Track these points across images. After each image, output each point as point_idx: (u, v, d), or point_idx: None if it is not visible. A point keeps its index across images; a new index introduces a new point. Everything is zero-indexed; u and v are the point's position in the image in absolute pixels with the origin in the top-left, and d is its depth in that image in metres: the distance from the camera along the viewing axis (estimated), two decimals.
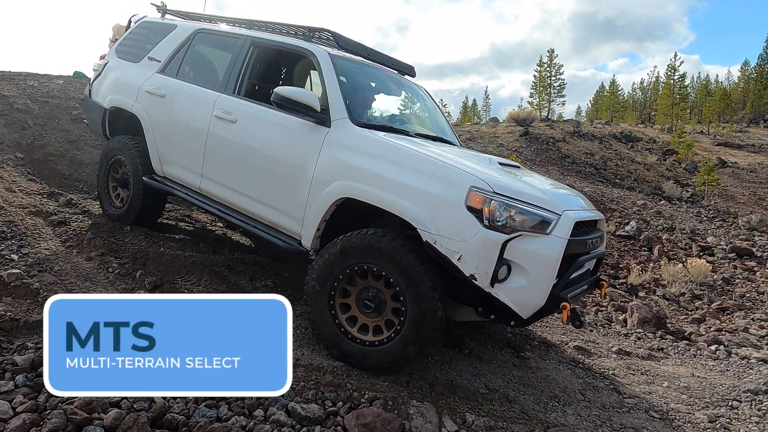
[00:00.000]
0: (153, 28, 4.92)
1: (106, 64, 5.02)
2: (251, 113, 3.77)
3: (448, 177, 2.90)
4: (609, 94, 40.58)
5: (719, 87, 58.38)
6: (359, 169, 3.11)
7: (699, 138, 29.05)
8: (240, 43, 4.11)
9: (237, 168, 3.78)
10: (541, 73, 29.45)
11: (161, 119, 4.31)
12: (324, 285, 3.02)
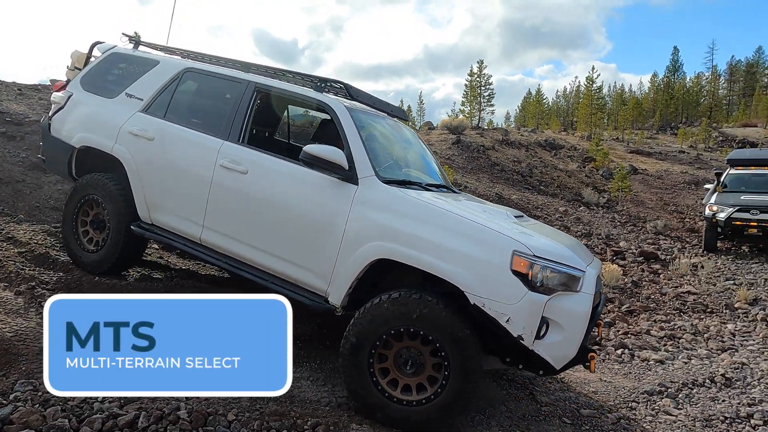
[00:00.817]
0: (128, 60, 4.63)
1: (70, 96, 4.55)
2: (265, 165, 3.68)
3: (489, 240, 3.01)
4: (535, 102, 42.88)
5: (633, 96, 63.19)
6: (396, 231, 3.14)
7: (614, 145, 31.35)
8: (241, 88, 3.95)
9: (248, 221, 3.66)
10: (471, 82, 30.69)
11: (150, 165, 4.04)
12: (361, 354, 3.03)
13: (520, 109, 56.10)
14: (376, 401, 3.01)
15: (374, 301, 3.05)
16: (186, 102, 4.28)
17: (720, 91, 64.97)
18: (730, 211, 11.85)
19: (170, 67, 4.34)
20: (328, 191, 3.38)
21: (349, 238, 3.24)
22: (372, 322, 3.01)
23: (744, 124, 50.89)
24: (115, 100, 4.37)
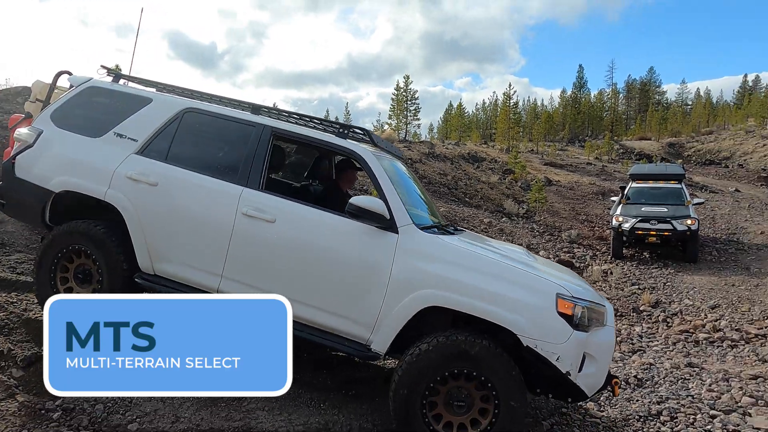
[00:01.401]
0: (109, 95, 4.24)
1: (41, 133, 4.07)
2: (294, 213, 3.63)
3: (534, 285, 3.25)
4: (457, 115, 44.78)
5: (545, 110, 67.63)
6: (447, 279, 3.26)
7: (530, 157, 33.39)
8: (257, 132, 3.84)
9: (277, 271, 3.56)
10: (398, 96, 31.53)
11: (155, 212, 3.79)
12: (415, 401, 3.14)
13: (443, 121, 58.19)
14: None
15: (422, 346, 3.19)
16: (190, 144, 4.02)
17: (620, 107, 71.14)
18: (633, 222, 13.13)
19: (167, 106, 4.07)
20: (369, 240, 3.43)
21: (394, 286, 3.31)
22: (426, 364, 3.15)
23: (640, 138, 56.20)
24: (102, 140, 4.00)
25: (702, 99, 75.28)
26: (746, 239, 16.43)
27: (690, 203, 13.59)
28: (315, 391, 3.98)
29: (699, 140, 51.09)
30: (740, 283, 11.25)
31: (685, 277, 11.89)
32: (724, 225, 18.15)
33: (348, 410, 3.80)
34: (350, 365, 4.65)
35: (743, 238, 16.62)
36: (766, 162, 40.60)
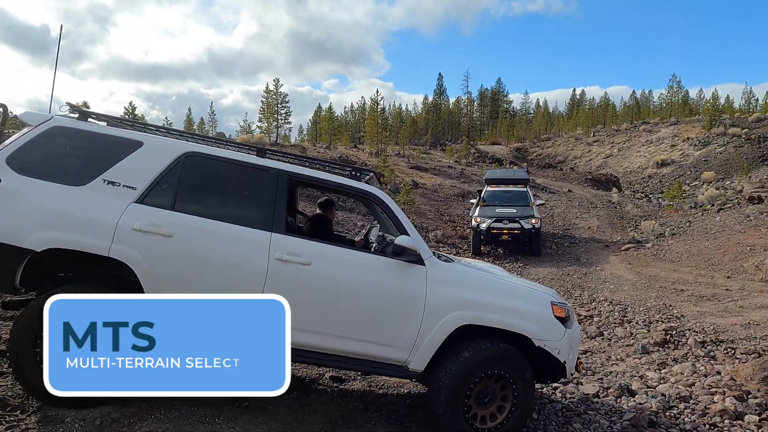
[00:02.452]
0: (88, 138, 3.77)
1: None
2: (329, 254, 3.82)
3: (534, 297, 4.13)
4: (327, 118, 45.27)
5: (409, 115, 71.35)
6: (471, 301, 3.85)
7: (398, 161, 35.10)
8: (273, 177, 3.83)
9: (317, 310, 3.70)
10: (268, 99, 31.00)
11: (173, 265, 3.57)
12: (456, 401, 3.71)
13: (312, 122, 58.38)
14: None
15: (464, 354, 3.77)
16: (198, 191, 3.88)
17: (474, 114, 77.75)
18: (489, 222, 14.78)
19: (163, 149, 3.80)
20: (405, 274, 3.81)
21: (429, 311, 3.74)
22: (469, 369, 3.74)
23: (492, 142, 62.14)
24: (88, 188, 3.58)
25: (541, 108, 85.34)
26: (577, 234, 19.30)
27: (534, 204, 15.67)
28: (208, 406, 4.05)
29: (540, 145, 58.07)
30: (573, 272, 13.29)
31: (531, 269, 13.68)
32: (560, 222, 21.06)
33: (243, 421, 3.94)
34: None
35: (575, 233, 19.49)
36: (590, 165, 47.62)
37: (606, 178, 37.40)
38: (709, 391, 5.54)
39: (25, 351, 3.36)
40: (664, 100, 70.20)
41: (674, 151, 43.19)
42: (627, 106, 71.58)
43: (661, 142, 46.19)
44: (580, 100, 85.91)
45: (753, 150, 38.13)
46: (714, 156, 39.25)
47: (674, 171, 39.60)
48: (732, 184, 31.41)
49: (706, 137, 42.90)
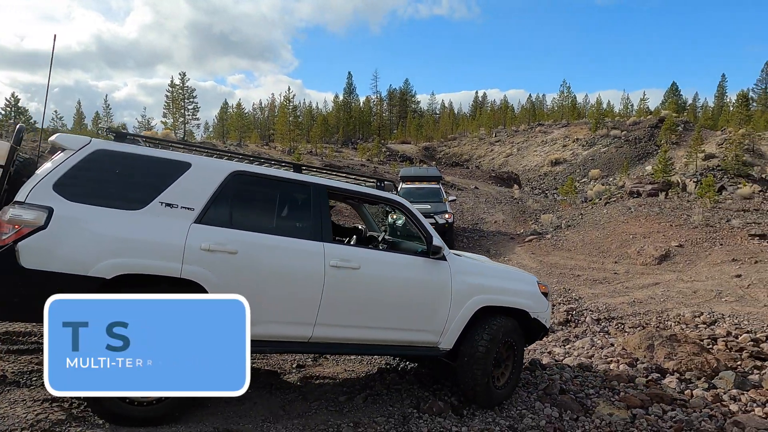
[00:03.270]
0: (134, 161, 3.68)
1: (51, 211, 3.27)
2: (373, 258, 4.38)
3: (527, 279, 5.24)
4: (236, 115, 43.74)
5: (320, 114, 71.00)
6: (485, 287, 4.66)
7: (311, 159, 34.95)
8: (315, 191, 4.15)
9: (367, 307, 4.18)
10: (173, 94, 29.31)
11: (241, 280, 3.66)
12: (488, 366, 4.47)
13: (219, 119, 56.05)
14: (492, 394, 4.59)
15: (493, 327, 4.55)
16: (249, 207, 4.12)
17: (384, 113, 79.09)
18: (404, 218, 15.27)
19: (212, 169, 3.88)
20: (435, 269, 4.44)
21: (455, 299, 4.43)
22: (496, 340, 4.54)
23: (402, 141, 63.68)
24: (147, 211, 3.55)
25: (447, 109, 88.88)
26: (485, 228, 20.52)
27: (446, 200, 16.43)
28: None
29: (447, 145, 60.51)
30: None
31: None
32: (469, 217, 22.23)
33: (184, 419, 3.89)
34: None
35: (483, 227, 20.71)
36: (494, 164, 50.57)
37: (508, 176, 39.96)
38: (606, 360, 6.29)
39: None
40: (556, 104, 76.24)
41: (566, 150, 47.16)
42: (524, 109, 76.78)
43: (554, 142, 50.18)
44: (482, 102, 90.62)
45: (631, 150, 42.71)
46: (599, 155, 43.41)
47: (566, 169, 43.24)
48: (615, 180, 35.02)
49: (593, 138, 47.30)
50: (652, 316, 8.58)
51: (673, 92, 74.66)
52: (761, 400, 5.19)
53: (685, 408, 4.92)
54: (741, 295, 9.64)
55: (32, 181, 3.43)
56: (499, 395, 4.68)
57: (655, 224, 16.73)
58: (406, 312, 4.35)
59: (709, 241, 14.51)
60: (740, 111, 41.18)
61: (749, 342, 7.03)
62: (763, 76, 70.75)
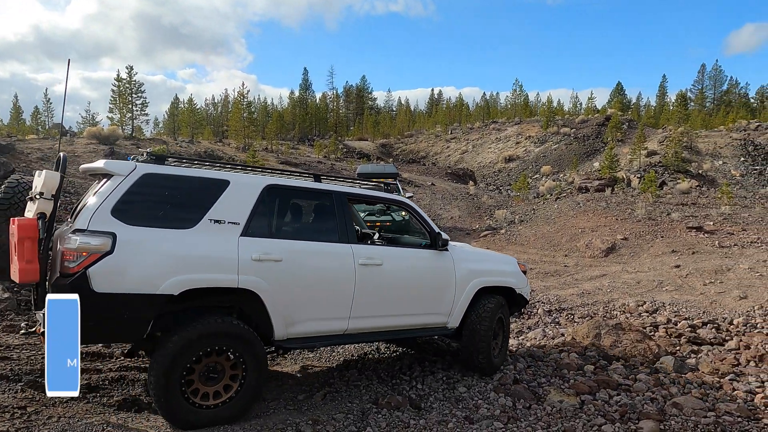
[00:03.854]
0: (177, 182, 3.91)
1: (115, 237, 3.44)
2: (393, 254, 4.88)
3: (508, 261, 6.09)
4: (187, 110, 42.38)
5: (275, 110, 69.86)
6: (481, 271, 5.42)
7: (267, 156, 34.39)
8: (337, 198, 4.57)
9: (392, 297, 4.72)
10: (120, 88, 28.06)
11: (285, 285, 4.06)
12: (489, 339, 5.28)
13: (169, 114, 54.19)
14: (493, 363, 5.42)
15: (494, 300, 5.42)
16: (284, 217, 4.57)
17: (341, 110, 78.74)
18: (362, 215, 15.27)
19: (249, 185, 4.16)
20: (442, 258, 5.10)
21: (459, 284, 5.12)
22: (491, 320, 5.31)
23: (359, 138, 63.64)
24: (198, 229, 3.82)
25: (403, 106, 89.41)
26: (442, 223, 20.82)
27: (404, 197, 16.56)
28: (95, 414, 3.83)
29: (403, 142, 60.91)
30: None
31: None
32: (426, 213, 22.49)
33: (135, 428, 3.79)
34: (126, 385, 4.52)
35: (440, 222, 21.01)
36: (449, 161, 51.33)
37: (463, 173, 40.66)
38: (557, 349, 6.54)
39: (174, 386, 3.54)
40: (509, 102, 78.04)
41: (519, 147, 48.43)
42: (479, 107, 78.30)
43: (508, 139, 51.44)
44: (438, 100, 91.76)
45: (580, 147, 44.33)
46: (550, 152, 44.83)
47: (519, 165, 44.43)
48: (565, 176, 36.26)
49: (544, 136, 48.80)
50: (600, 306, 8.98)
51: (618, 92, 78.04)
52: (697, 382, 5.54)
53: (630, 392, 5.19)
54: (680, 284, 10.23)
55: (89, 208, 3.57)
56: (497, 363, 5.48)
57: (602, 218, 17.47)
58: (421, 299, 4.98)
59: (651, 233, 15.29)
60: (679, 110, 43.48)
61: (687, 328, 7.48)
62: (699, 78, 75.12)
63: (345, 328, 4.46)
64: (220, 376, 3.80)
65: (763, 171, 31.30)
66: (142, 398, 4.34)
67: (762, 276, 9.95)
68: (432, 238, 5.08)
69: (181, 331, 3.64)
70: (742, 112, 57.59)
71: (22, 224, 3.57)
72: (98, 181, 3.97)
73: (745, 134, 37.13)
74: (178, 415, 3.62)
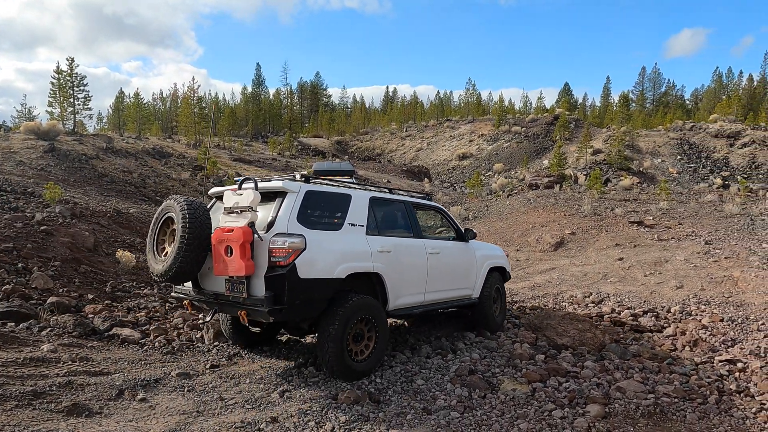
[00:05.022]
0: (323, 196, 5.21)
1: (305, 238, 4.74)
2: (444, 245, 6.55)
3: (497, 248, 7.96)
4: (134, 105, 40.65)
5: (227, 106, 68.13)
6: (488, 255, 7.36)
7: (219, 153, 33.55)
8: (405, 205, 6.25)
9: (445, 277, 6.39)
10: (60, 81, 26.57)
11: (394, 269, 5.54)
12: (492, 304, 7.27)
13: (114, 109, 51.82)
14: (498, 322, 7.33)
15: (493, 282, 7.31)
16: (383, 220, 5.80)
17: (295, 106, 77.79)
18: None
19: (363, 197, 5.59)
20: (468, 249, 7.00)
21: (478, 265, 7.06)
22: (494, 291, 7.32)
23: (314, 135, 63.10)
24: (344, 230, 5.22)
25: (359, 104, 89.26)
26: None
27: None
28: (43, 421, 3.66)
29: (359, 139, 60.87)
30: None
31: None
32: None
33: None
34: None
35: None
36: (405, 158, 51.73)
37: (419, 170, 41.10)
38: (510, 341, 6.78)
39: (343, 348, 4.89)
40: (462, 100, 79.45)
41: (472, 145, 49.41)
42: (433, 105, 79.22)
43: (461, 137, 52.37)
44: (393, 98, 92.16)
45: (530, 145, 45.69)
46: (502, 150, 45.98)
47: (473, 163, 45.34)
48: (516, 174, 37.32)
49: (496, 134, 49.99)
50: (549, 298, 9.35)
51: (566, 92, 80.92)
52: (639, 367, 5.89)
53: (578, 379, 5.45)
54: (623, 276, 10.78)
55: (282, 217, 4.78)
56: (500, 322, 7.35)
57: (552, 214, 18.12)
58: (460, 277, 6.74)
59: (596, 228, 16.00)
60: (622, 111, 45.62)
61: (630, 317, 7.92)
62: (640, 80, 78.94)
63: (422, 300, 6.03)
64: (363, 338, 5.18)
65: (698, 169, 33.33)
66: (92, 403, 4.20)
67: (696, 267, 10.63)
68: (460, 234, 6.98)
69: (345, 306, 4.90)
70: (678, 113, 61.03)
71: (245, 231, 4.58)
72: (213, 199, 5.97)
73: (681, 134, 39.37)
74: (347, 369, 4.95)
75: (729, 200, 20.10)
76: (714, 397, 5.05)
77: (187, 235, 4.73)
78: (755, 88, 66.86)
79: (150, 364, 5.37)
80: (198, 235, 4.79)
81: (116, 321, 6.56)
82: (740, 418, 4.67)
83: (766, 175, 30.92)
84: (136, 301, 7.95)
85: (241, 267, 4.51)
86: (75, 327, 6.05)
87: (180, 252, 4.75)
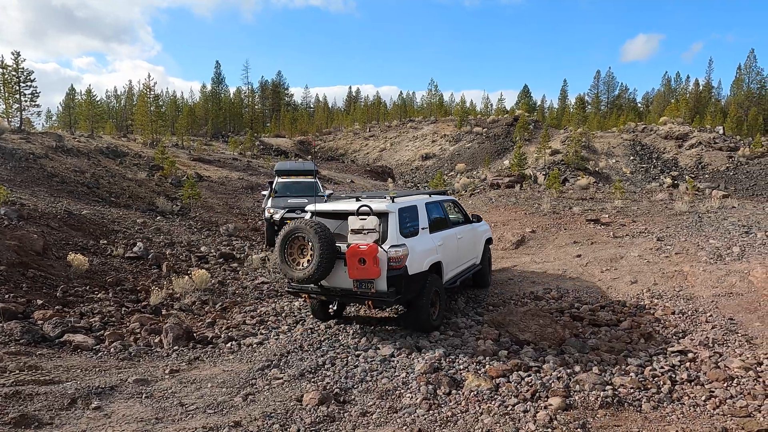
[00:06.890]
0: (406, 210, 7.21)
1: (404, 244, 6.74)
2: (463, 230, 8.89)
3: (486, 225, 10.46)
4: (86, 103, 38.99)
5: (186, 104, 66.34)
6: (484, 230, 10.09)
7: (177, 152, 32.60)
8: (440, 205, 8.46)
9: (466, 253, 8.98)
10: (5, 76, 25.18)
11: (445, 254, 7.79)
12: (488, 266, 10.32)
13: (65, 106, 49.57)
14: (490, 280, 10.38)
15: (487, 252, 10.23)
16: (433, 218, 7.85)
17: (257, 105, 76.50)
18: (282, 212, 14.93)
19: (421, 205, 7.62)
20: (475, 228, 9.51)
21: (481, 239, 9.83)
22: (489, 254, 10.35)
23: (276, 135, 62.24)
24: (420, 234, 7.26)
25: (321, 103, 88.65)
26: None
27: (323, 194, 16.42)
28: None
29: (322, 139, 60.46)
30: None
31: None
32: None
33: None
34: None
35: None
36: (368, 158, 51.72)
37: (382, 170, 41.15)
38: (474, 338, 6.86)
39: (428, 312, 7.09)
40: (425, 101, 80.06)
41: (435, 146, 49.86)
42: (396, 105, 79.46)
43: (424, 138, 52.77)
44: (356, 97, 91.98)
45: (492, 145, 46.51)
46: (464, 150, 46.61)
47: (435, 163, 45.77)
48: (478, 173, 37.91)
49: (458, 134, 50.63)
50: (512, 294, 9.53)
51: (525, 94, 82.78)
52: (597, 360, 6.07)
53: (539, 373, 5.57)
54: (581, 272, 11.11)
55: (392, 232, 6.72)
56: (489, 280, 10.19)
57: (513, 213, 18.49)
58: (472, 251, 9.34)
59: (555, 226, 16.43)
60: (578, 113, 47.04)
61: (588, 312, 8.16)
62: (595, 83, 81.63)
63: (457, 273, 8.39)
64: (435, 305, 7.31)
65: (649, 169, 34.76)
66: (42, 414, 3.99)
67: (649, 262, 11.06)
68: (468, 218, 9.38)
69: (431, 286, 7.06)
70: (631, 115, 63.47)
71: (375, 248, 6.38)
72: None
73: (634, 135, 40.94)
74: (430, 326, 7.15)
75: (678, 199, 21.04)
76: (667, 387, 5.26)
77: (324, 251, 6.51)
78: (701, 92, 70.33)
79: (105, 370, 5.16)
80: (330, 249, 6.57)
81: (68, 327, 6.28)
82: (691, 406, 4.88)
83: (711, 174, 32.55)
84: (89, 305, 7.63)
85: (374, 272, 6.33)
86: (23, 334, 5.75)
87: (320, 262, 6.50)
